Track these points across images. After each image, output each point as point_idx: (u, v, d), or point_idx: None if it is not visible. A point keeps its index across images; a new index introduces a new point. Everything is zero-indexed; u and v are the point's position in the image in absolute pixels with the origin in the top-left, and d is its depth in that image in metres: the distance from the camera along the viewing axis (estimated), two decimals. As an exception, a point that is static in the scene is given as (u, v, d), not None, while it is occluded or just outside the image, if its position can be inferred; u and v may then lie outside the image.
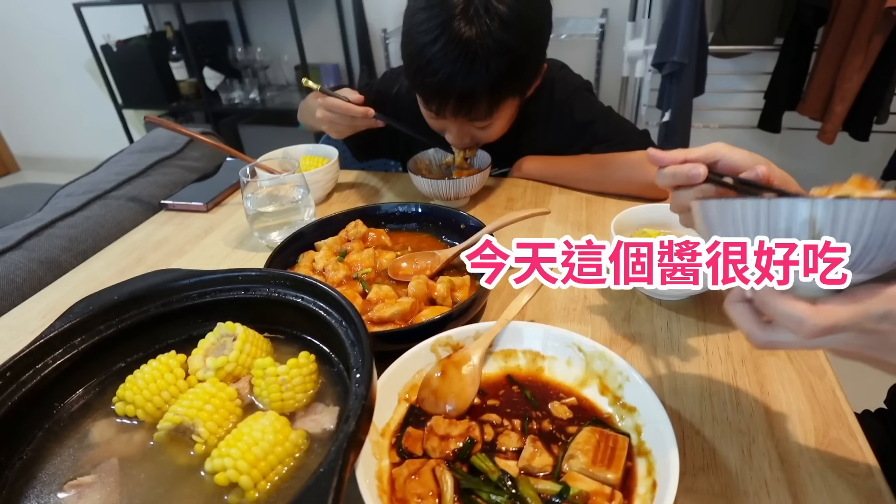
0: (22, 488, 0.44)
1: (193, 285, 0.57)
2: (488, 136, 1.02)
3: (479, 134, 1.01)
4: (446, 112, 0.94)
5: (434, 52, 0.86)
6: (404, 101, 1.18)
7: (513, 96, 0.95)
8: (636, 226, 0.79)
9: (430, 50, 0.86)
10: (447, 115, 0.95)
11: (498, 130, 1.02)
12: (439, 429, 0.51)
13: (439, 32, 0.85)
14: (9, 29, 3.42)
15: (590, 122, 1.07)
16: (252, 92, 2.97)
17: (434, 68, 0.87)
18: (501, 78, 0.88)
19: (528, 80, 0.97)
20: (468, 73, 0.86)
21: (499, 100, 0.92)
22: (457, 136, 1.01)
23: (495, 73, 0.86)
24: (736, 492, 0.49)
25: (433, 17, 0.86)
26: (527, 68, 0.94)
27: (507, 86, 0.91)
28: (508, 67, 0.87)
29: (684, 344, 0.67)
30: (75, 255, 0.97)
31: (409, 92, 1.18)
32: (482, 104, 0.91)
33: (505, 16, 0.84)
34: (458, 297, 0.72)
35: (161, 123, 1.09)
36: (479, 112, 0.92)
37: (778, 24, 2.09)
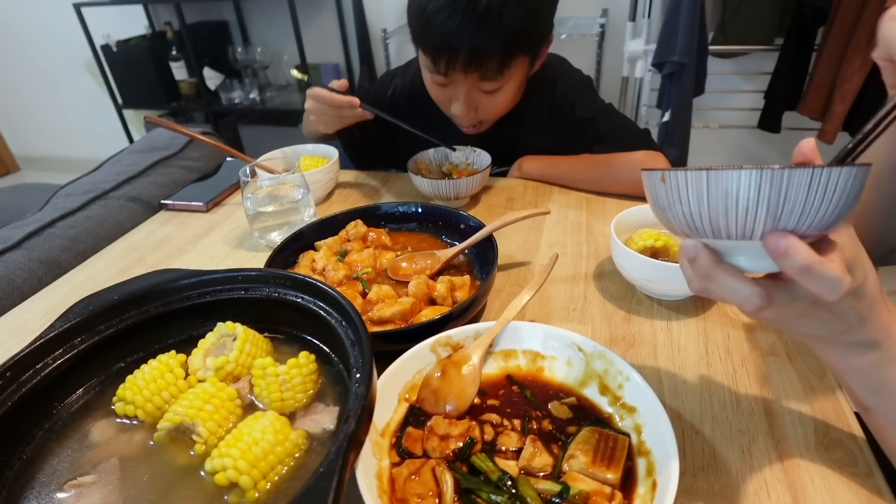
0: (22, 488, 0.44)
1: (193, 285, 0.57)
2: (495, 106, 0.99)
3: (487, 102, 0.98)
4: (455, 68, 0.90)
5: (443, 2, 0.84)
6: (400, 102, 1.18)
7: (524, 54, 0.93)
8: (636, 226, 0.79)
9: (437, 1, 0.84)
10: (456, 73, 0.91)
11: (506, 100, 0.99)
12: (439, 429, 0.51)
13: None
14: (9, 29, 3.42)
15: (591, 119, 1.07)
16: (252, 92, 2.97)
17: (442, 19, 0.85)
18: (515, 30, 0.86)
19: (540, 38, 0.95)
20: (480, 24, 0.84)
21: (511, 56, 0.90)
22: (464, 104, 0.98)
23: (510, 23, 0.84)
24: (736, 492, 0.49)
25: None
26: (541, 23, 0.92)
27: (521, 40, 0.89)
28: (523, 19, 0.85)
29: (684, 344, 0.67)
30: (75, 255, 0.97)
31: (403, 92, 1.18)
32: (493, 59, 0.89)
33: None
34: (458, 297, 0.72)
35: (161, 123, 1.09)
36: (491, 68, 0.90)
37: (778, 24, 2.09)
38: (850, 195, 0.35)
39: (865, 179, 0.36)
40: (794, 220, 0.35)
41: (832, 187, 0.34)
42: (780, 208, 0.35)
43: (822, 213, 0.35)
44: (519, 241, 0.91)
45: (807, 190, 0.34)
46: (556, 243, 0.90)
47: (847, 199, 0.35)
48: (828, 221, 0.36)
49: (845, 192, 0.35)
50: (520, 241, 0.91)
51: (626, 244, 0.72)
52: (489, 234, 0.78)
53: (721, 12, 2.12)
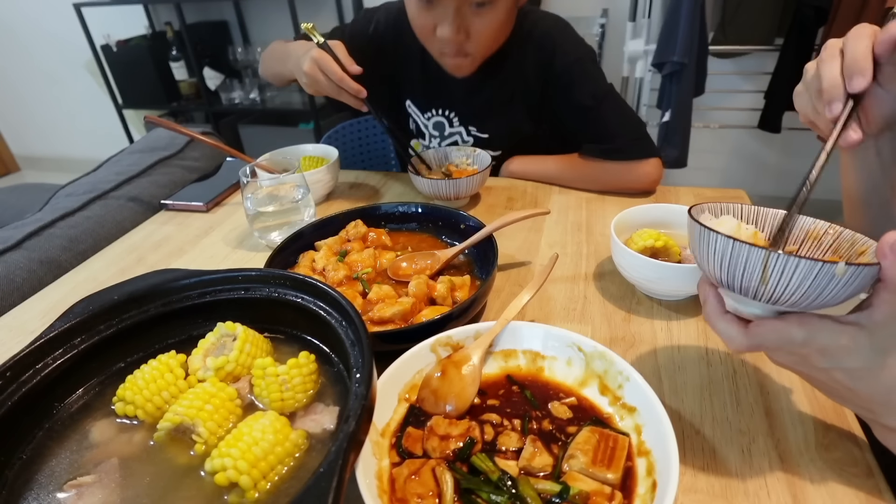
0: (22, 488, 0.44)
1: (193, 285, 0.57)
2: (485, 27, 0.92)
3: (477, 23, 0.92)
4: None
5: None
6: (385, 38, 1.12)
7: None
8: (636, 226, 0.79)
9: None
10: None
11: (496, 21, 0.92)
12: (439, 429, 0.51)
13: None
14: (9, 29, 3.42)
15: (589, 107, 1.01)
16: (252, 92, 2.97)
17: None
18: None
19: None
20: None
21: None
22: (452, 22, 0.90)
23: None
24: (736, 492, 0.49)
25: None
26: None
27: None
28: None
29: (684, 344, 0.67)
30: (75, 255, 0.97)
31: (387, 29, 1.11)
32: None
33: None
34: (458, 297, 0.72)
35: (161, 123, 1.09)
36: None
37: (778, 24, 2.09)
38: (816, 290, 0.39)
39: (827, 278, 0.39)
40: (737, 286, 0.42)
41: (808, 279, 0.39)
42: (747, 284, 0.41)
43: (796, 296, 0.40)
44: (519, 241, 0.91)
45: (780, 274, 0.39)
46: (556, 243, 0.90)
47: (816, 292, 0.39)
48: (799, 303, 0.40)
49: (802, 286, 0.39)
50: (520, 241, 0.91)
51: (626, 244, 0.72)
52: (489, 234, 0.78)
53: (721, 12, 2.12)
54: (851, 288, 0.39)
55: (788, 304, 0.41)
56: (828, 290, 0.39)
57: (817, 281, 0.38)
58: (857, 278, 0.38)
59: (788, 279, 0.39)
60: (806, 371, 0.44)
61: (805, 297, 0.39)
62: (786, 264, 0.38)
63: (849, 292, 0.39)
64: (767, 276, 0.39)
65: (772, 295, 0.40)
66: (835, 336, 0.40)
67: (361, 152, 1.58)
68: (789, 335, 0.41)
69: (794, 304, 0.40)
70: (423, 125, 1.19)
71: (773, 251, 0.38)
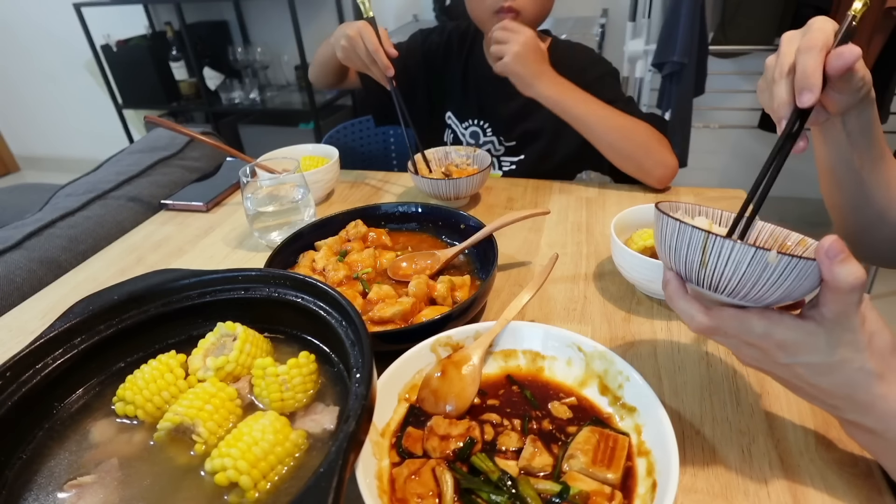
0: (22, 488, 0.44)
1: (193, 285, 0.57)
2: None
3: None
4: None
5: None
6: (436, 54, 1.23)
7: None
8: (636, 226, 0.79)
9: None
10: None
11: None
12: (439, 429, 0.51)
13: None
14: (9, 29, 3.42)
15: (610, 101, 1.05)
16: (252, 92, 2.97)
17: None
18: None
19: None
20: None
21: None
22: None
23: None
24: (736, 492, 0.49)
25: None
26: None
27: None
28: None
29: (684, 344, 0.67)
30: (75, 255, 0.97)
31: (439, 47, 1.23)
32: None
33: None
34: (459, 297, 0.72)
35: (161, 123, 1.09)
36: None
37: (778, 24, 2.09)
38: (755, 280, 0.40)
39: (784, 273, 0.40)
40: (683, 271, 0.44)
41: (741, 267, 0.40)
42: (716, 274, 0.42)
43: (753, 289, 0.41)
44: (519, 241, 0.91)
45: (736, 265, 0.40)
46: (556, 243, 0.90)
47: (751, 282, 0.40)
48: (740, 293, 0.42)
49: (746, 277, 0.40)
50: (520, 241, 0.91)
51: (626, 244, 0.72)
52: (489, 234, 0.78)
53: (721, 12, 2.12)
54: (789, 281, 0.40)
55: (728, 293, 0.42)
56: (763, 278, 0.40)
57: (752, 268, 0.39)
58: (793, 271, 0.39)
59: (724, 263, 0.40)
60: (769, 368, 0.45)
61: (742, 284, 0.41)
62: (721, 247, 0.40)
63: (788, 286, 0.40)
64: (706, 259, 0.41)
65: (711, 280, 0.42)
66: (792, 331, 0.41)
67: (361, 152, 1.58)
68: (749, 324, 0.42)
69: (733, 292, 0.42)
70: (461, 134, 1.26)
71: (711, 234, 0.40)
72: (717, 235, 0.40)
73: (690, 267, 0.43)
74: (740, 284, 0.41)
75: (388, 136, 1.59)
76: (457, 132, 1.26)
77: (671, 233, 0.43)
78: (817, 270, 0.39)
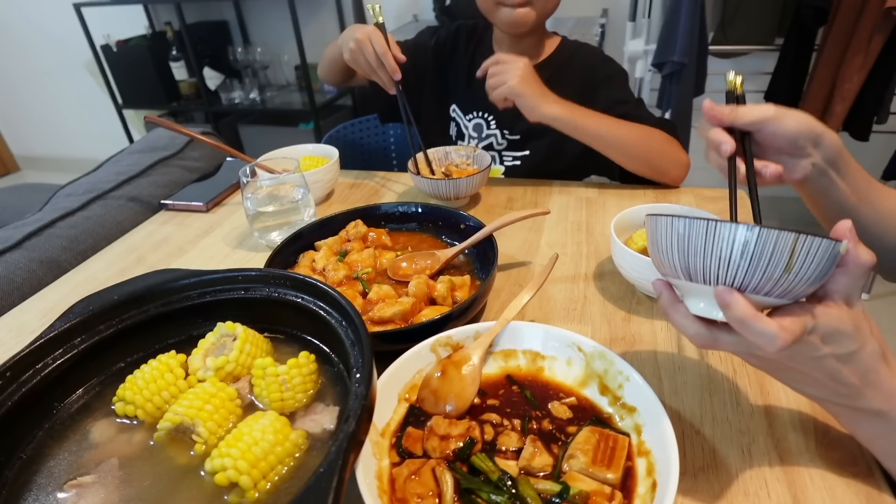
0: (22, 488, 0.44)
1: (193, 285, 0.57)
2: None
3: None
4: None
5: None
6: (444, 48, 1.24)
7: None
8: (636, 226, 0.79)
9: None
10: None
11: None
12: (439, 429, 0.51)
13: None
14: (9, 29, 3.42)
15: (620, 101, 1.07)
16: (252, 92, 2.97)
17: None
18: None
19: None
20: None
21: None
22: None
23: None
24: (736, 492, 0.49)
25: None
26: None
27: None
28: None
29: (684, 344, 0.67)
30: (75, 255, 0.97)
31: (447, 41, 1.24)
32: None
33: None
34: (459, 297, 0.72)
35: (161, 123, 1.09)
36: None
37: (778, 24, 2.09)
38: (809, 269, 0.38)
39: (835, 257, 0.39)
40: (755, 281, 0.39)
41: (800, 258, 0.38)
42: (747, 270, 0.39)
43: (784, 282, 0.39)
44: (519, 241, 0.91)
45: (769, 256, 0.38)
46: (556, 243, 0.90)
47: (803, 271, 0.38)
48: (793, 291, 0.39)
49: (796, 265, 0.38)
50: (520, 241, 0.91)
51: (626, 244, 0.73)
52: (489, 234, 0.78)
53: (721, 12, 2.12)
54: (829, 268, 0.39)
55: (791, 294, 0.40)
56: (830, 271, 0.39)
57: (828, 262, 0.38)
58: (836, 257, 0.39)
59: (811, 261, 0.38)
60: (793, 364, 0.43)
61: (815, 281, 0.39)
62: (811, 245, 0.37)
63: (827, 274, 0.40)
64: (793, 262, 0.38)
65: (790, 285, 0.39)
66: (838, 320, 0.41)
67: (361, 152, 1.58)
68: (804, 324, 0.40)
69: (798, 292, 0.40)
70: (465, 126, 1.26)
71: (802, 233, 0.37)
72: (806, 234, 0.37)
73: (768, 275, 0.38)
74: (813, 282, 0.39)
75: (388, 136, 1.59)
76: (461, 125, 1.26)
77: (743, 240, 0.38)
78: (838, 254, 0.39)
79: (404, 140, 1.57)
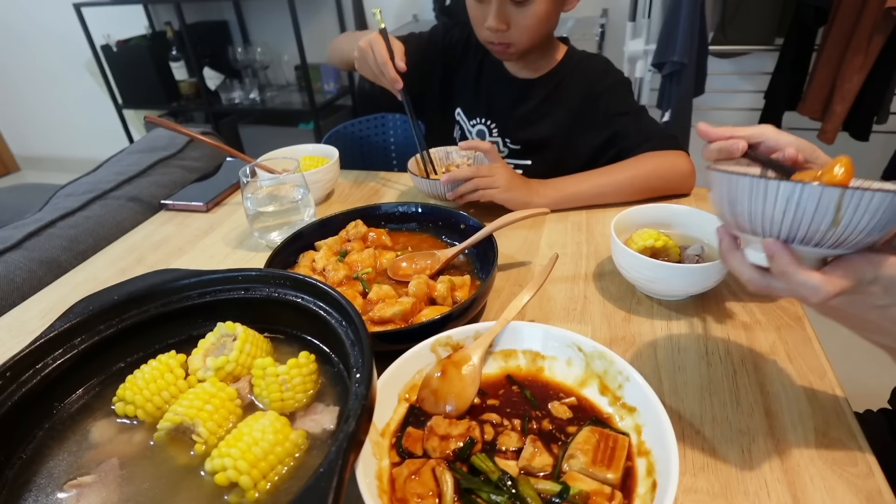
0: (22, 488, 0.44)
1: (193, 285, 0.57)
2: (526, 20, 1.01)
3: (518, 17, 1.00)
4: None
5: None
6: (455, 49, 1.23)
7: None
8: (636, 226, 0.79)
9: None
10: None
11: (537, 14, 1.01)
12: (439, 429, 0.51)
13: None
14: (9, 29, 3.42)
15: (620, 113, 1.07)
16: (252, 92, 2.97)
17: None
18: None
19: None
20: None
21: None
22: (496, 15, 1.00)
23: None
24: (736, 492, 0.49)
25: None
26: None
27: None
28: None
29: (684, 344, 0.67)
30: (75, 255, 0.97)
31: (459, 41, 1.23)
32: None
33: None
34: (459, 297, 0.72)
35: (161, 123, 1.09)
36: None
37: (778, 24, 2.09)
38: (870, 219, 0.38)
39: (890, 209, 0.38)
40: (801, 234, 0.40)
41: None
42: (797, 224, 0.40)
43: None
44: (519, 241, 0.91)
45: None
46: (556, 243, 0.90)
47: None
48: (848, 241, 0.40)
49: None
50: (520, 241, 0.91)
51: (626, 244, 0.72)
52: (489, 234, 0.78)
53: (721, 12, 2.12)
54: (885, 221, 0.38)
55: (847, 245, 0.40)
56: (891, 222, 0.38)
57: (886, 213, 0.38)
58: (893, 210, 0.38)
59: (861, 215, 0.38)
60: (857, 311, 0.44)
61: (870, 233, 0.39)
62: (861, 199, 0.37)
63: (891, 224, 0.39)
64: (840, 216, 0.38)
65: (838, 237, 0.39)
66: None
67: (361, 152, 1.58)
68: (861, 274, 0.41)
69: (854, 243, 0.40)
70: (468, 131, 1.26)
71: (849, 188, 0.37)
72: (854, 188, 0.37)
73: (815, 228, 0.39)
74: (869, 233, 0.39)
75: (389, 136, 1.59)
76: (465, 129, 1.27)
77: (788, 196, 0.39)
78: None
79: (404, 140, 1.57)
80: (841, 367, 0.62)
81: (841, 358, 0.63)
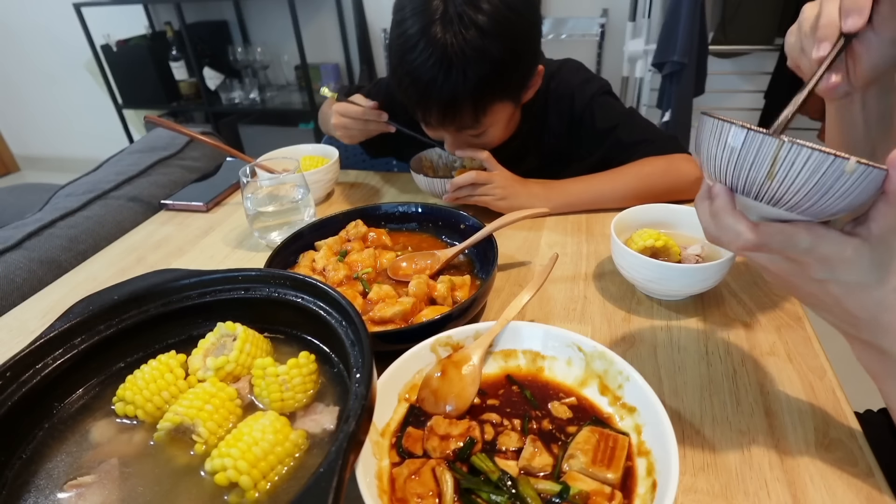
0: (22, 488, 0.44)
1: (193, 285, 0.57)
2: (486, 144, 0.99)
3: (475, 142, 0.98)
4: (432, 120, 0.93)
5: (414, 58, 0.85)
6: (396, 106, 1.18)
7: (501, 101, 0.92)
8: (636, 226, 0.79)
9: (410, 56, 0.85)
10: (433, 125, 0.94)
11: (496, 137, 0.99)
12: (439, 429, 0.51)
13: (419, 38, 0.84)
14: (9, 29, 3.42)
15: (612, 127, 1.02)
16: (252, 92, 2.97)
17: (415, 75, 0.86)
18: (482, 84, 0.85)
19: (516, 85, 0.94)
20: (446, 80, 0.84)
21: (484, 106, 0.89)
22: (452, 145, 0.99)
23: (474, 79, 0.84)
24: (736, 492, 0.49)
25: (415, 24, 0.85)
26: (512, 74, 0.90)
27: (491, 92, 0.88)
28: (489, 73, 0.85)
29: (684, 344, 0.67)
30: (75, 255, 0.97)
31: None
32: (466, 112, 0.89)
33: (483, 23, 0.82)
34: (459, 297, 0.72)
35: (161, 123, 1.09)
36: (465, 120, 0.90)
37: (778, 23, 2.09)
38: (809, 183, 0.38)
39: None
40: (740, 183, 0.41)
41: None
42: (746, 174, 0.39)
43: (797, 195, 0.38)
44: (519, 241, 0.91)
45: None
46: (556, 243, 0.90)
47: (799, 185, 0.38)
48: (801, 206, 0.39)
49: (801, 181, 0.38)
50: (520, 241, 0.91)
51: (626, 244, 0.72)
52: (489, 234, 0.78)
53: (721, 12, 2.12)
54: (856, 192, 0.37)
55: (789, 206, 0.39)
56: (833, 189, 0.37)
57: (825, 177, 0.36)
58: (864, 181, 0.37)
59: (797, 173, 0.37)
60: (800, 283, 0.44)
61: (809, 196, 0.38)
62: (797, 155, 0.36)
63: (852, 198, 0.38)
64: (776, 169, 0.38)
65: (774, 192, 0.39)
66: (839, 246, 0.40)
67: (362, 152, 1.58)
68: (796, 239, 0.40)
69: (796, 205, 0.39)
70: None
71: (787, 141, 0.36)
72: (793, 142, 0.36)
73: (752, 178, 0.39)
74: (808, 196, 0.38)
75: (388, 136, 1.59)
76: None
77: (732, 141, 0.39)
78: (880, 182, 0.37)
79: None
80: (841, 366, 0.62)
81: (841, 358, 0.62)
